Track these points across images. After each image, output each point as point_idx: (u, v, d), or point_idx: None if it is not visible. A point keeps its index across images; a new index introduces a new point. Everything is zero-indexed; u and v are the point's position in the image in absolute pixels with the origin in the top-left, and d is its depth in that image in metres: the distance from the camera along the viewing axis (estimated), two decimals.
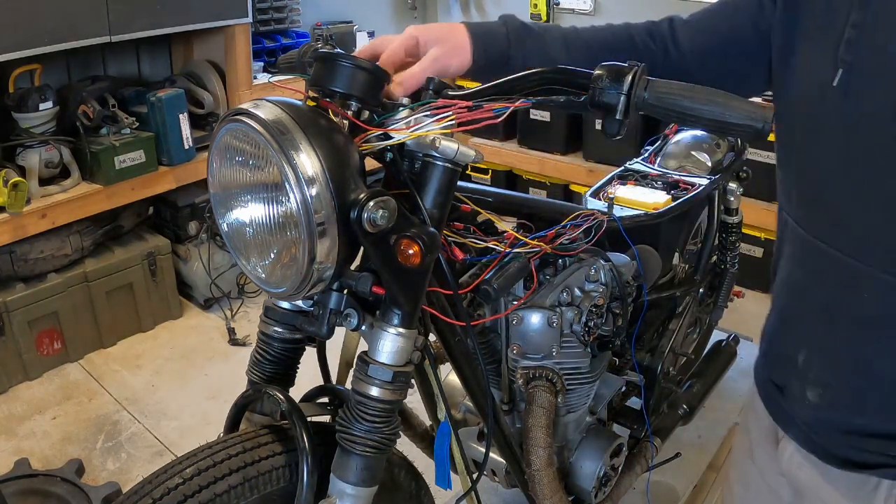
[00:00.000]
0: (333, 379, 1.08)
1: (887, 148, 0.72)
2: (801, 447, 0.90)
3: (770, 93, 0.91)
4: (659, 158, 1.88)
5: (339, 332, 0.93)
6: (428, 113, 0.80)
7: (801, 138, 0.83)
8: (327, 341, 0.96)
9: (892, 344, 0.78)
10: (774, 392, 0.95)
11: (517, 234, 1.09)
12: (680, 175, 1.76)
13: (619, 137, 0.80)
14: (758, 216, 2.91)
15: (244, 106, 0.78)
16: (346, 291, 0.87)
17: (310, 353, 1.04)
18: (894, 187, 0.73)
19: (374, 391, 0.85)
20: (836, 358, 0.83)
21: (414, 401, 1.14)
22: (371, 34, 3.72)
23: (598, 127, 2.41)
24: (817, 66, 0.78)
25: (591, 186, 1.76)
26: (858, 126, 0.74)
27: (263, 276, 0.84)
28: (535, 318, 1.16)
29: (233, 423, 0.98)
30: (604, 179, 1.78)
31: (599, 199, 1.66)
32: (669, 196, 1.65)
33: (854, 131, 0.75)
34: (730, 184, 1.80)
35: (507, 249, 1.08)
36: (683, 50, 0.96)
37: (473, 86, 0.87)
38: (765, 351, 0.98)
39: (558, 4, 3.72)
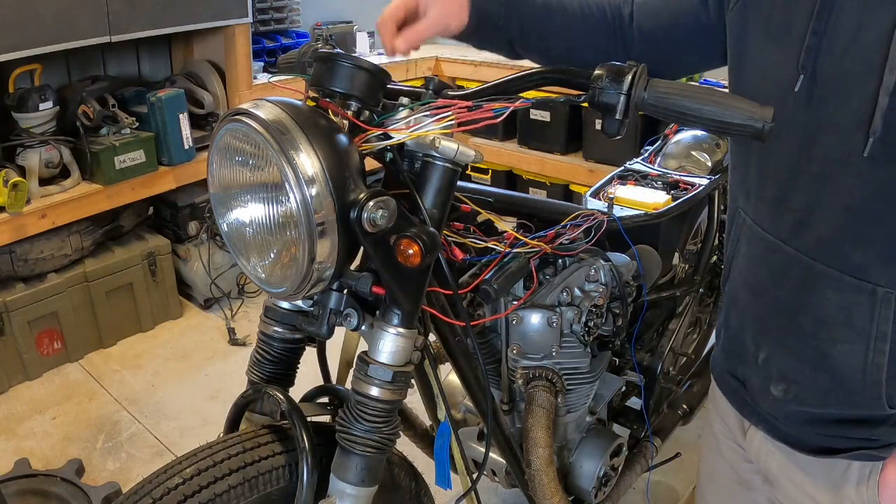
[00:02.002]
0: (333, 379, 1.08)
1: (848, 155, 0.73)
2: (769, 436, 0.92)
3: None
4: (659, 158, 1.88)
5: (339, 332, 0.93)
6: (428, 113, 0.80)
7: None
8: (327, 341, 0.96)
9: (855, 341, 0.79)
10: (736, 385, 0.97)
11: (517, 234, 1.09)
12: (680, 175, 1.76)
13: (619, 137, 0.80)
14: None
15: (244, 106, 0.78)
16: (346, 291, 0.87)
17: (310, 353, 1.04)
18: (855, 192, 0.74)
19: (374, 391, 0.85)
20: (798, 356, 0.84)
21: (414, 401, 1.14)
22: (371, 34, 3.72)
23: (598, 127, 2.41)
24: (776, 69, 0.79)
25: (591, 186, 1.76)
26: (820, 132, 0.75)
27: (263, 276, 0.84)
28: (534, 318, 1.16)
29: (233, 423, 0.98)
30: (604, 179, 1.79)
31: (599, 199, 1.66)
32: (669, 196, 1.66)
33: (815, 137, 0.76)
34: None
35: (507, 249, 1.08)
36: (636, 31, 0.98)
37: (473, 86, 0.87)
38: (723, 346, 1.00)
39: None
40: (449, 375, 1.26)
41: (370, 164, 0.83)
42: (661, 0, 0.98)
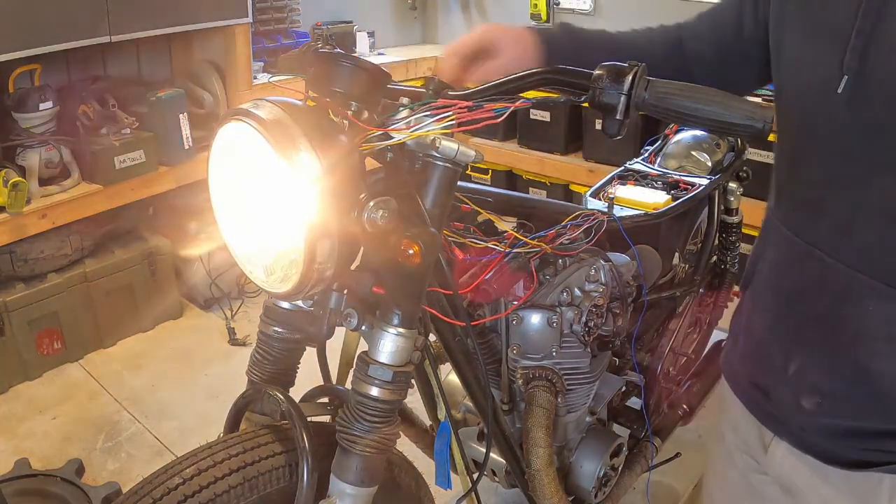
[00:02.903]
0: (333, 379, 1.08)
1: (894, 159, 0.71)
2: (796, 448, 0.89)
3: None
4: (659, 158, 1.88)
5: (339, 332, 0.92)
6: (428, 113, 0.80)
7: (799, 142, 0.82)
8: (327, 341, 0.96)
9: (894, 354, 0.76)
10: (758, 395, 0.92)
11: (517, 234, 1.09)
12: (680, 175, 1.76)
13: (619, 137, 0.80)
14: (758, 216, 2.90)
15: (244, 106, 0.78)
16: (346, 291, 0.87)
17: (310, 353, 1.04)
18: None
19: (374, 391, 0.85)
20: (834, 368, 0.81)
21: (414, 401, 1.14)
22: (371, 34, 3.72)
23: (598, 127, 2.41)
24: (815, 68, 0.77)
25: (591, 186, 1.76)
26: (864, 134, 0.73)
27: (263, 276, 0.84)
28: (535, 318, 1.16)
29: (233, 423, 0.98)
30: (604, 179, 1.79)
31: (599, 199, 1.66)
32: (669, 196, 1.65)
33: (859, 139, 0.73)
34: (730, 184, 1.80)
35: (507, 249, 1.08)
36: (688, 55, 0.98)
37: (474, 86, 0.87)
38: (743, 352, 0.95)
39: (558, 4, 3.72)
40: (449, 375, 1.26)
41: (370, 164, 0.83)
42: (704, 20, 0.98)
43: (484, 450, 1.09)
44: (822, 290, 0.80)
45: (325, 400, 1.02)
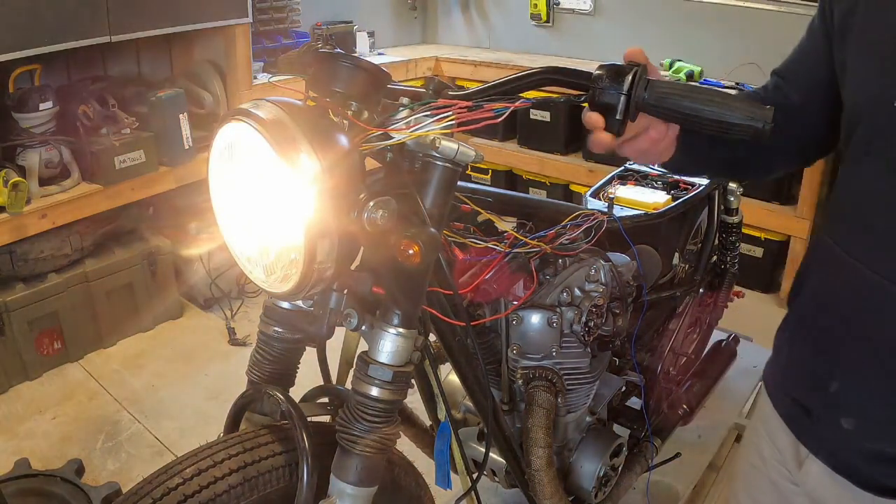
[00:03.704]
0: (333, 379, 1.08)
1: None
2: (831, 469, 0.87)
3: None
4: None
5: (339, 332, 0.92)
6: (428, 113, 0.80)
7: (856, 158, 0.80)
8: (327, 341, 0.96)
9: None
10: (797, 411, 0.91)
11: (517, 234, 1.09)
12: (680, 175, 1.76)
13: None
14: (758, 216, 2.91)
15: (244, 106, 0.78)
16: (346, 291, 0.87)
17: (310, 353, 1.04)
18: None
19: (374, 391, 0.85)
20: (877, 391, 0.80)
21: (414, 401, 1.14)
22: (371, 34, 3.72)
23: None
24: (873, 81, 0.75)
25: (591, 186, 1.76)
26: None
27: (263, 276, 0.84)
28: (535, 318, 1.16)
29: (233, 423, 0.98)
30: (604, 179, 1.79)
31: (599, 199, 1.67)
32: (669, 196, 1.66)
33: None
34: (730, 184, 1.80)
35: (507, 249, 1.08)
36: (793, 103, 0.92)
37: (473, 86, 0.87)
38: (785, 366, 0.94)
39: (558, 5, 3.72)
40: (449, 375, 1.26)
41: (370, 164, 0.83)
42: (793, 62, 0.94)
43: (484, 450, 1.09)
44: (869, 311, 0.78)
45: (325, 400, 1.02)
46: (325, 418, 0.98)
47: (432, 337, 0.99)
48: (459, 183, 0.90)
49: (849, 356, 0.82)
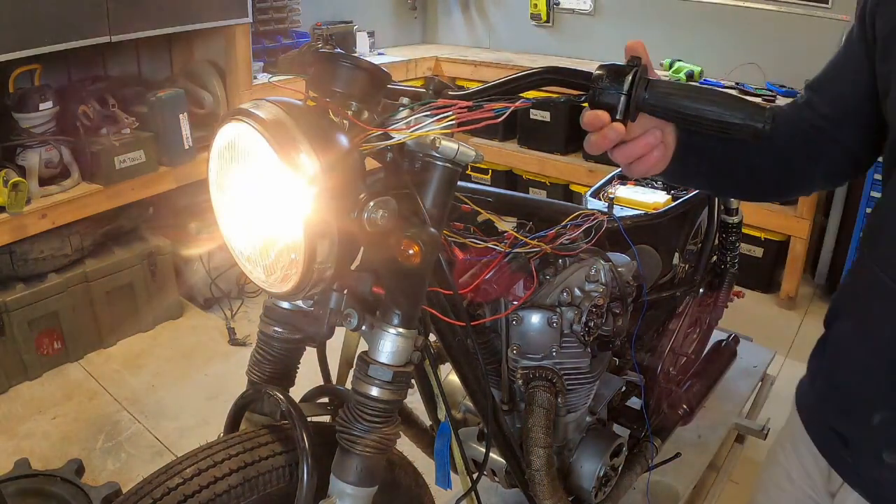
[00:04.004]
0: (333, 379, 1.08)
1: None
2: (868, 502, 0.84)
3: None
4: None
5: (339, 332, 0.92)
6: (428, 113, 0.80)
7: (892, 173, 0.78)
8: (327, 341, 0.96)
9: None
10: (835, 440, 0.88)
11: (517, 234, 1.09)
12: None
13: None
14: (758, 216, 2.91)
15: (244, 106, 0.78)
16: (346, 291, 0.87)
17: (310, 353, 1.04)
18: None
19: (374, 391, 0.85)
20: None
21: (414, 401, 1.14)
22: (371, 34, 3.72)
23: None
24: None
25: (591, 186, 1.76)
26: None
27: (263, 276, 0.84)
28: (535, 318, 1.16)
29: (233, 423, 0.98)
30: (604, 179, 1.79)
31: (599, 199, 1.67)
32: (669, 196, 1.66)
33: None
34: None
35: (508, 249, 1.08)
36: (828, 125, 0.89)
37: (473, 86, 0.87)
38: (822, 393, 0.91)
39: (558, 4, 3.72)
40: (449, 375, 1.26)
41: (370, 164, 0.83)
42: (827, 74, 0.90)
43: (484, 450, 1.09)
44: None
45: (325, 400, 1.01)
46: (325, 418, 0.98)
47: (432, 337, 0.99)
48: (459, 183, 0.90)
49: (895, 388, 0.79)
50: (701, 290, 1.79)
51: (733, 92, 1.60)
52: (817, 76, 0.92)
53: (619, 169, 1.85)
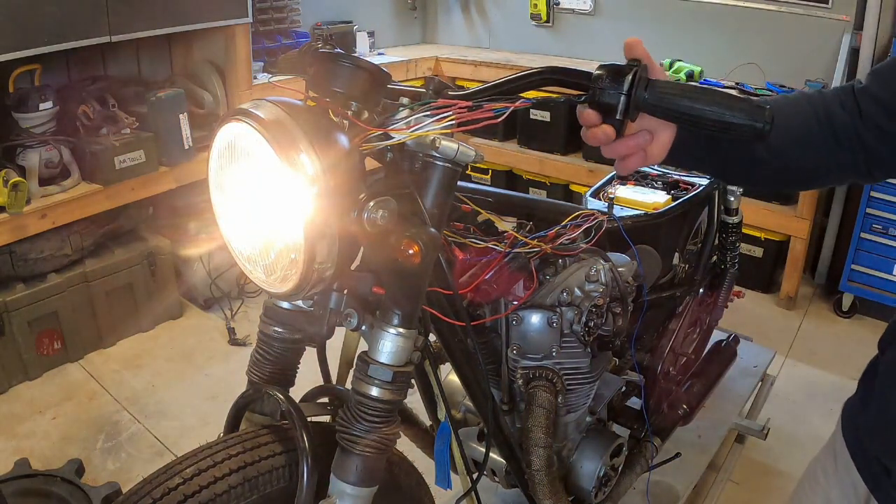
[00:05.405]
0: (333, 379, 1.08)
1: None
2: None
3: None
4: None
5: (339, 332, 0.93)
6: (428, 113, 0.80)
7: None
8: (327, 341, 0.96)
9: None
10: (880, 471, 0.87)
11: (517, 234, 1.09)
12: (680, 175, 1.76)
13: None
14: (758, 216, 2.91)
15: (244, 106, 0.78)
16: (346, 291, 0.87)
17: (310, 353, 1.04)
18: None
19: (374, 391, 0.85)
20: None
21: (414, 401, 1.14)
22: (371, 34, 3.72)
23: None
24: None
25: (591, 186, 1.76)
26: None
27: (263, 276, 0.84)
28: (535, 318, 1.16)
29: (233, 423, 0.98)
30: (604, 179, 1.79)
31: (599, 199, 1.67)
32: (669, 196, 1.66)
33: None
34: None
35: (508, 249, 1.08)
36: (867, 124, 0.83)
37: (473, 86, 0.87)
38: (874, 425, 0.88)
39: (558, 4, 3.72)
40: (449, 375, 1.26)
41: (370, 164, 0.83)
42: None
43: (484, 450, 1.09)
44: None
45: (325, 400, 1.01)
46: (325, 418, 0.98)
47: (432, 337, 0.99)
48: (459, 183, 0.90)
49: None
50: (701, 290, 1.79)
51: (733, 92, 1.60)
52: (886, 62, 0.84)
53: None
